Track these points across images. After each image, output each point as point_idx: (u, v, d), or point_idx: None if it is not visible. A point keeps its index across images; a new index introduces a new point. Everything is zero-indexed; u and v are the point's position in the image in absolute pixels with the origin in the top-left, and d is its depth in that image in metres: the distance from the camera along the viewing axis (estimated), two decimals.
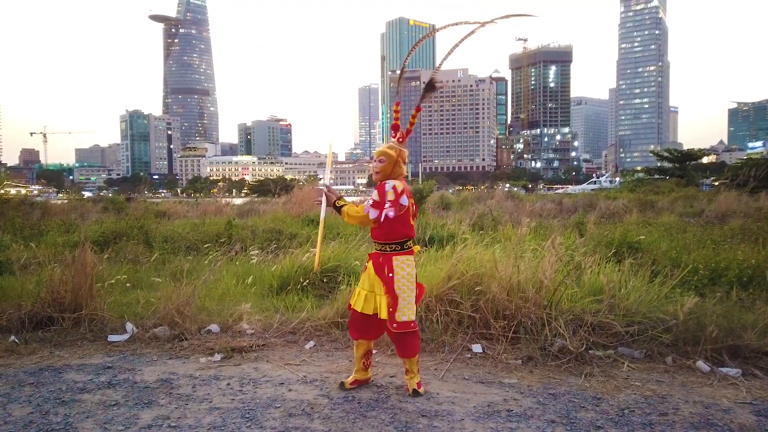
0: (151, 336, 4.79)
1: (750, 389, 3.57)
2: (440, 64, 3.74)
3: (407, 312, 3.40)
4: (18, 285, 5.39)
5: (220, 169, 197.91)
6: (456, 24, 3.59)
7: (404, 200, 3.40)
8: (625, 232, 7.88)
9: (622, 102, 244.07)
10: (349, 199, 4.35)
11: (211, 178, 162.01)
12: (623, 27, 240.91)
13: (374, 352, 3.94)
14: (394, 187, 3.38)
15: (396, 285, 3.40)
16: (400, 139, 3.57)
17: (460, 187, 76.13)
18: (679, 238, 8.21)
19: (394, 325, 3.38)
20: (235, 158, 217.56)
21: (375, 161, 3.53)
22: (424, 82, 3.78)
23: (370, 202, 3.42)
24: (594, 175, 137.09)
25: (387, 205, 3.36)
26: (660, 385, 3.66)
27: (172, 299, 5.05)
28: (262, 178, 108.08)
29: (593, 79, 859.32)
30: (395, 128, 3.61)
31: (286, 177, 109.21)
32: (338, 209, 3.61)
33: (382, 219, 3.35)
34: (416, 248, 3.61)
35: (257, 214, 16.78)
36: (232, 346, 4.47)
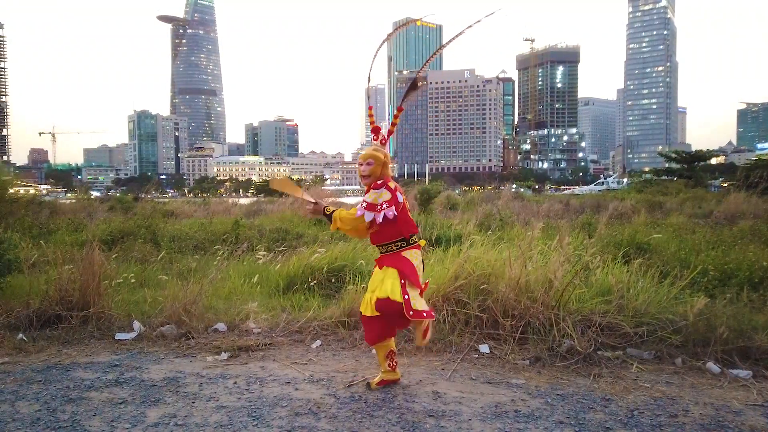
0: (158, 334, 4.80)
1: (761, 391, 3.53)
2: (423, 66, 3.79)
3: (419, 303, 3.31)
4: (26, 283, 5.41)
5: (227, 169, 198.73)
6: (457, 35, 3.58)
7: (400, 197, 3.34)
8: (633, 233, 7.83)
9: (630, 102, 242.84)
10: (355, 200, 4.29)
11: (219, 178, 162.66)
12: (631, 27, 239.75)
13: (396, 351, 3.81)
14: (387, 186, 3.30)
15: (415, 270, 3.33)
16: (383, 141, 3.50)
17: (467, 188, 76.01)
18: (688, 239, 8.14)
19: (411, 312, 3.25)
20: (242, 158, 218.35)
21: (362, 165, 3.40)
22: (424, 83, 3.78)
23: (364, 204, 3.30)
24: (601, 175, 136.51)
25: (384, 206, 3.27)
26: (669, 387, 3.63)
27: (179, 298, 5.07)
28: (268, 179, 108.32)
29: (601, 79, 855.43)
30: (376, 131, 3.53)
31: (292, 177, 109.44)
32: (328, 216, 3.45)
33: (380, 220, 3.26)
34: (422, 242, 3.54)
35: (264, 213, 16.82)
36: (238, 345, 4.47)
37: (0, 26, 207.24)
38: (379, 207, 3.27)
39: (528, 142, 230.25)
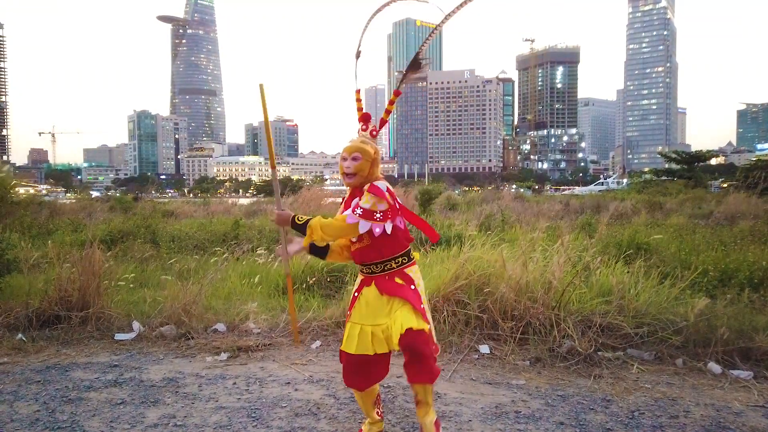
0: (158, 335, 4.79)
1: (762, 392, 3.52)
2: (426, 40, 2.82)
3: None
4: (26, 283, 5.40)
5: (227, 170, 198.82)
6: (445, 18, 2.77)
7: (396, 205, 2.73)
8: (634, 234, 7.82)
9: (629, 103, 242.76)
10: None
11: (218, 178, 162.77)
12: (631, 28, 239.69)
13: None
14: (387, 189, 2.65)
15: (422, 298, 2.70)
16: (373, 132, 2.80)
17: (467, 188, 76.06)
18: (688, 239, 8.13)
19: (434, 346, 2.67)
20: (242, 158, 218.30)
21: (347, 160, 2.69)
22: (427, 61, 3.04)
23: (359, 211, 2.59)
24: (601, 176, 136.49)
25: (379, 217, 2.60)
26: (670, 388, 3.62)
27: (178, 298, 5.06)
28: (268, 179, 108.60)
29: (601, 80, 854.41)
30: (366, 118, 2.80)
31: (292, 177, 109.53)
32: (300, 227, 2.67)
33: (378, 232, 2.61)
34: (416, 255, 2.90)
35: (264, 214, 16.80)
36: (238, 346, 4.46)
37: (0, 26, 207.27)
38: (377, 216, 2.61)
39: (528, 142, 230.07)
